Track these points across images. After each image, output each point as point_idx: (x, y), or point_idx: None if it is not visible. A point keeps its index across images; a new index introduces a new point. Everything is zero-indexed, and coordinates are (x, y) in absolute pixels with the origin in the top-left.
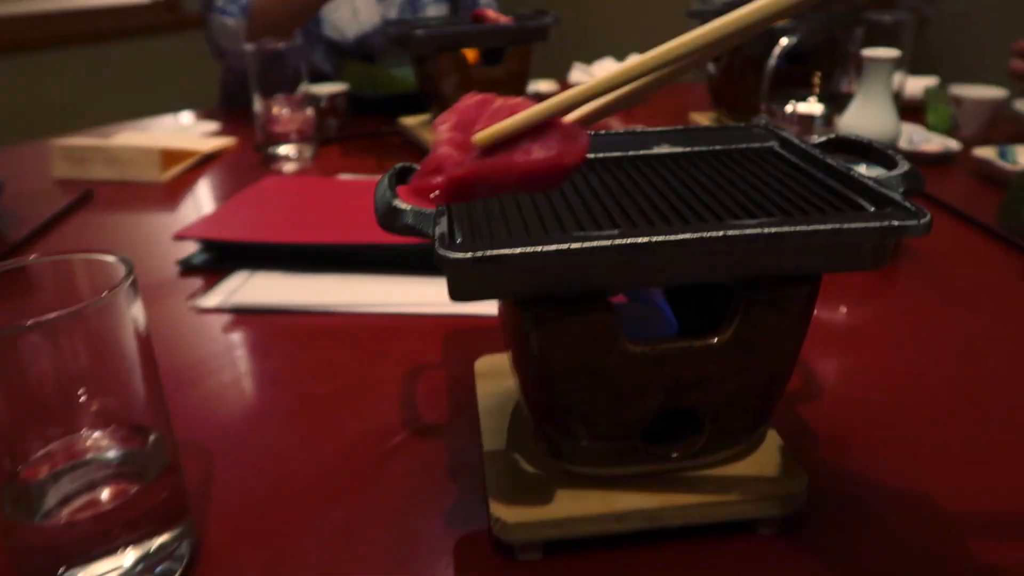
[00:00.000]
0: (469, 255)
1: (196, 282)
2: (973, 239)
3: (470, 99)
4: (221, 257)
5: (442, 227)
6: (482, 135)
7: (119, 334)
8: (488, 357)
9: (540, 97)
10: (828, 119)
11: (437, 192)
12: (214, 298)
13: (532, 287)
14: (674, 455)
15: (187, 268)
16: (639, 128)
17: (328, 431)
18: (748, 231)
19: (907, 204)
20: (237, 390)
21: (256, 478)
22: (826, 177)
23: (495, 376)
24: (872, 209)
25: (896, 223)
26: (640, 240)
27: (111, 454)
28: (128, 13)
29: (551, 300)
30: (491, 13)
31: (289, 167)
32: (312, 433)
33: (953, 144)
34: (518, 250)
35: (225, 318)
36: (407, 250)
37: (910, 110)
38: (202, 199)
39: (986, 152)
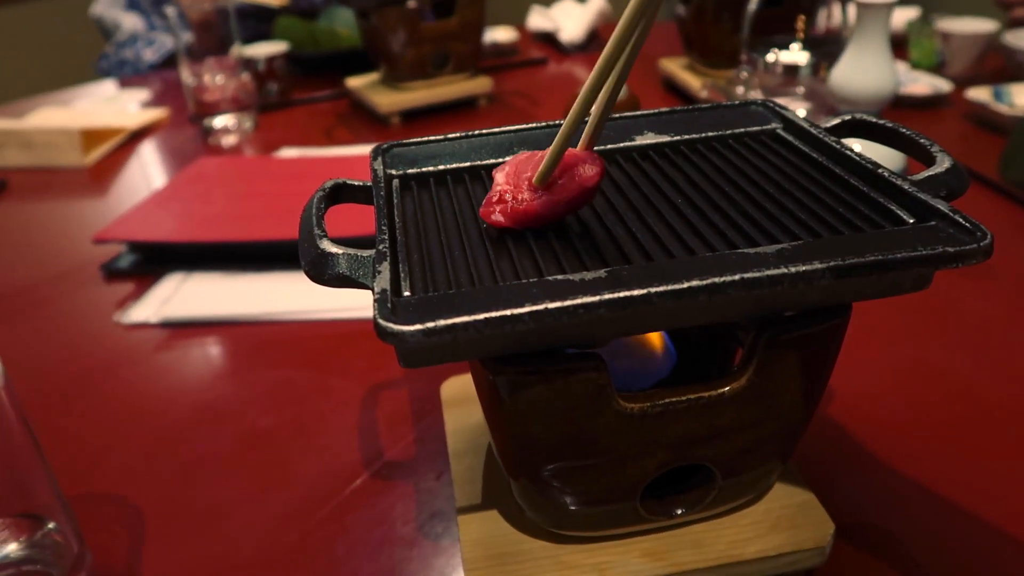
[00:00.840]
0: (418, 327)
1: (124, 288)
2: (975, 194)
3: (522, 155)
4: (150, 259)
5: (384, 277)
6: (537, 177)
7: None
8: (456, 379)
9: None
10: (816, 69)
11: (502, 219)
12: (142, 311)
13: (503, 347)
14: (678, 511)
15: (112, 273)
16: (617, 115)
17: (277, 477)
18: (770, 271)
19: (959, 219)
20: (169, 433)
21: (195, 545)
22: (845, 173)
23: (464, 403)
24: (911, 221)
25: (951, 250)
26: (636, 293)
27: (9, 550)
28: None
29: (527, 358)
30: None
31: (228, 140)
32: (258, 481)
33: (943, 85)
34: (481, 316)
35: (155, 334)
36: (363, 244)
37: (892, 44)
38: (132, 184)
39: (980, 94)
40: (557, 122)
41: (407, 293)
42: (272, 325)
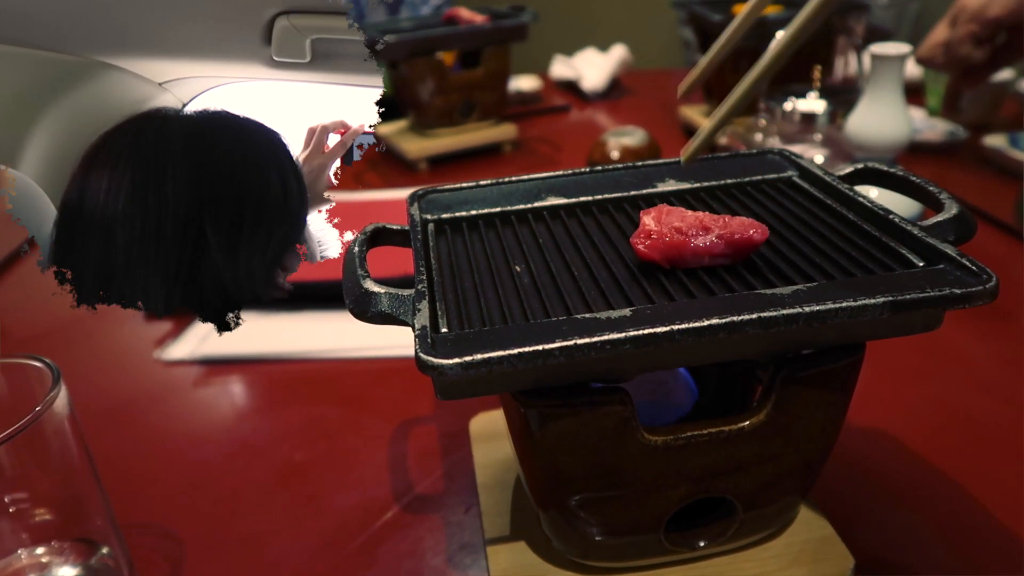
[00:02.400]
0: (456, 361)
1: (163, 327)
2: (992, 239)
3: (664, 206)
4: None
5: (423, 315)
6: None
7: (51, 447)
8: (484, 415)
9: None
10: (833, 117)
11: (648, 250)
12: (181, 348)
13: (534, 381)
14: (701, 543)
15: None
16: (640, 162)
17: (311, 509)
18: (786, 311)
19: (966, 262)
20: (207, 466)
21: (233, 574)
22: (858, 219)
23: (492, 438)
24: (921, 264)
25: (958, 291)
26: (659, 330)
27: (66, 572)
28: None
29: (556, 391)
30: (465, 13)
31: None
32: (294, 513)
33: (960, 131)
34: (515, 351)
35: (193, 371)
36: (394, 284)
37: (908, 91)
38: None
39: (996, 140)
40: (583, 170)
41: (444, 330)
42: (305, 363)
